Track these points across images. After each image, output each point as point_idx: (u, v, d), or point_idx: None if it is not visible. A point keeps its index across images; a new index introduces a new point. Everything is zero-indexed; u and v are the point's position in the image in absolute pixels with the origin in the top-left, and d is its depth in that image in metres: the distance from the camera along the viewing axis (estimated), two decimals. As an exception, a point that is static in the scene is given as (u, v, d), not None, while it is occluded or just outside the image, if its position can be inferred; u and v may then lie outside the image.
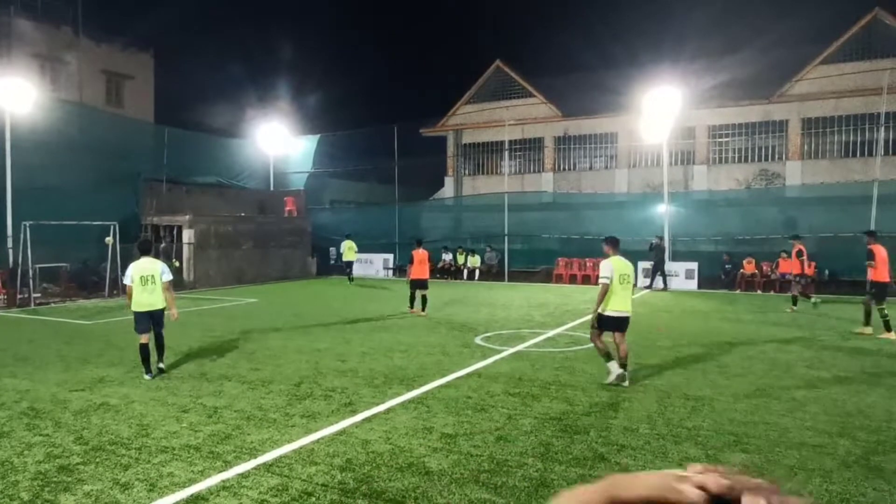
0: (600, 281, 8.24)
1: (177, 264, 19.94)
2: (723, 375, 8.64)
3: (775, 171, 26.02)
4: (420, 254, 14.71)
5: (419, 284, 14.70)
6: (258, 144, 30.07)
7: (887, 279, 12.13)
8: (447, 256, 26.12)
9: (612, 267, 8.19)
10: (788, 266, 17.46)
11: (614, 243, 8.48)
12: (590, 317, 8.61)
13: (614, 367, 8.07)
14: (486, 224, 26.68)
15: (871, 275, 12.25)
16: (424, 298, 14.67)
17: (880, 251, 12.13)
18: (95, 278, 19.86)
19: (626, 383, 7.99)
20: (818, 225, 21.33)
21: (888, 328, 11.60)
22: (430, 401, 7.39)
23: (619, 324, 8.22)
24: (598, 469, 5.28)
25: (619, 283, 8.15)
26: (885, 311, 11.79)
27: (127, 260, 20.15)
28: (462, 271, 25.69)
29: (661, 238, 22.00)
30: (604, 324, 8.22)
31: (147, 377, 8.47)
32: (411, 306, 14.94)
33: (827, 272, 20.46)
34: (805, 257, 15.57)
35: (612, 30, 71.94)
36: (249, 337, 11.96)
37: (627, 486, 0.68)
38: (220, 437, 6.13)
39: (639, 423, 6.50)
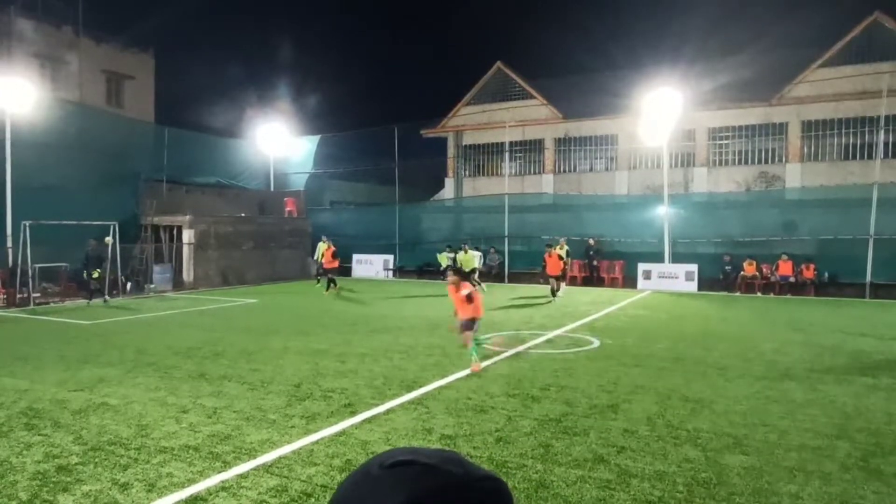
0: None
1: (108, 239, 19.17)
2: (722, 377, 8.64)
3: (775, 174, 26.00)
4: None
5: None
6: (258, 145, 30.05)
7: (558, 273, 18.74)
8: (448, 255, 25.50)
9: (318, 246, 21.10)
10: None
11: (327, 235, 21.55)
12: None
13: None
14: (486, 225, 26.67)
15: (550, 269, 18.64)
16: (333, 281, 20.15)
17: (553, 257, 18.77)
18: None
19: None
20: (818, 227, 21.32)
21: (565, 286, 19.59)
22: (429, 402, 7.39)
23: (333, 272, 20.33)
24: (598, 470, 5.28)
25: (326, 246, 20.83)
26: (556, 294, 18.48)
27: (127, 260, 20.25)
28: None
29: (595, 239, 22.94)
30: (327, 273, 20.43)
31: None
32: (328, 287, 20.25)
33: (827, 274, 20.46)
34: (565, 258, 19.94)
35: (613, 32, 72.11)
36: (249, 337, 11.96)
37: None
38: (220, 437, 6.13)
39: (639, 425, 6.50)
